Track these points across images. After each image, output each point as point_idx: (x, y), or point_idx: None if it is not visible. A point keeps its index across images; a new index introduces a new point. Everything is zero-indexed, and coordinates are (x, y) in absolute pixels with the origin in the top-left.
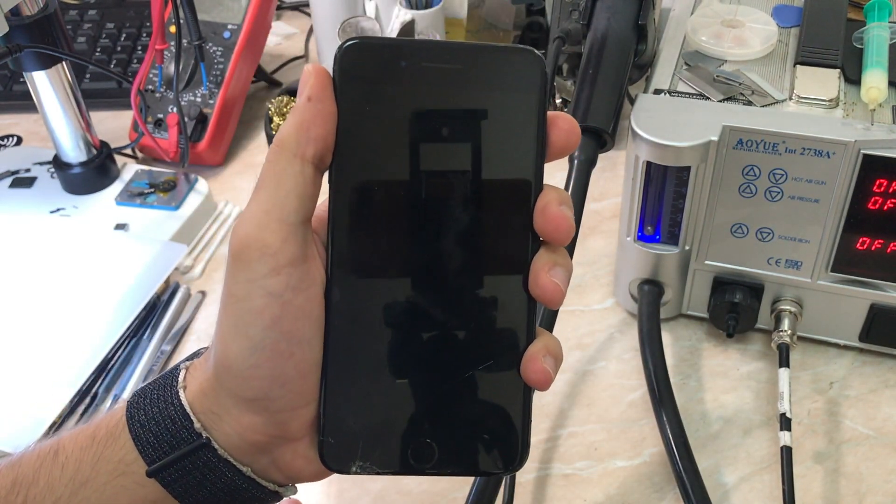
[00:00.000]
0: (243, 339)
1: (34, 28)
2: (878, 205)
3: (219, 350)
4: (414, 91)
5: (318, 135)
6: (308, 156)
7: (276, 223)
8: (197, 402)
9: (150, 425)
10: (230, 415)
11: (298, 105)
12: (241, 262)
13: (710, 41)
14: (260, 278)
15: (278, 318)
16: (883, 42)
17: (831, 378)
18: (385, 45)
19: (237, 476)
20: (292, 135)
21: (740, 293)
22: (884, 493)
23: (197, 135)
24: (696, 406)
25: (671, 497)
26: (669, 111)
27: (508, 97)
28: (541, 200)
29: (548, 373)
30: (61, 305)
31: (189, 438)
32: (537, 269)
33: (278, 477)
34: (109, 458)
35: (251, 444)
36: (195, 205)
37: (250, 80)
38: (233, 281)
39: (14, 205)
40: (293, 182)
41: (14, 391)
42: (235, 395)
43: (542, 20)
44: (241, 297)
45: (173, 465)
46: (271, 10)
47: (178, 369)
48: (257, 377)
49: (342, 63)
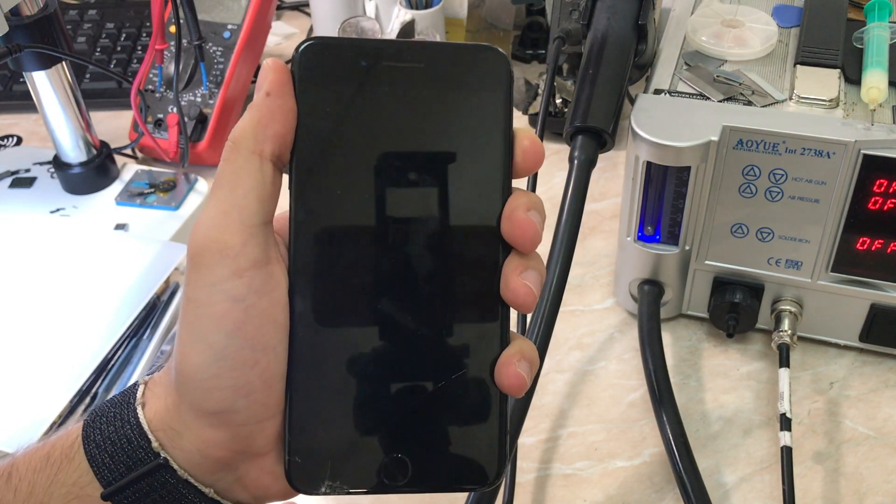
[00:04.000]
0: (204, 348)
1: (34, 28)
2: (879, 205)
3: (179, 360)
4: (374, 91)
5: (277, 132)
6: (266, 153)
7: (236, 224)
8: (157, 418)
9: (106, 445)
10: (191, 430)
11: (256, 101)
12: (201, 265)
13: (710, 41)
14: (221, 282)
15: (241, 323)
16: (883, 42)
17: (831, 378)
18: (344, 44)
19: (198, 497)
20: (249, 131)
21: (740, 293)
22: (884, 494)
23: (197, 135)
24: (697, 406)
25: (671, 497)
26: (669, 111)
27: (472, 97)
28: (508, 205)
29: (521, 377)
30: (61, 305)
31: (146, 459)
32: (507, 272)
33: (243, 496)
34: (64, 481)
35: (214, 461)
36: (195, 205)
37: (250, 80)
38: (192, 286)
39: (14, 205)
40: (252, 181)
41: (14, 391)
42: (197, 408)
43: (542, 20)
44: (201, 302)
45: (130, 487)
46: (271, 10)
47: (137, 385)
48: (220, 388)
49: (301, 62)
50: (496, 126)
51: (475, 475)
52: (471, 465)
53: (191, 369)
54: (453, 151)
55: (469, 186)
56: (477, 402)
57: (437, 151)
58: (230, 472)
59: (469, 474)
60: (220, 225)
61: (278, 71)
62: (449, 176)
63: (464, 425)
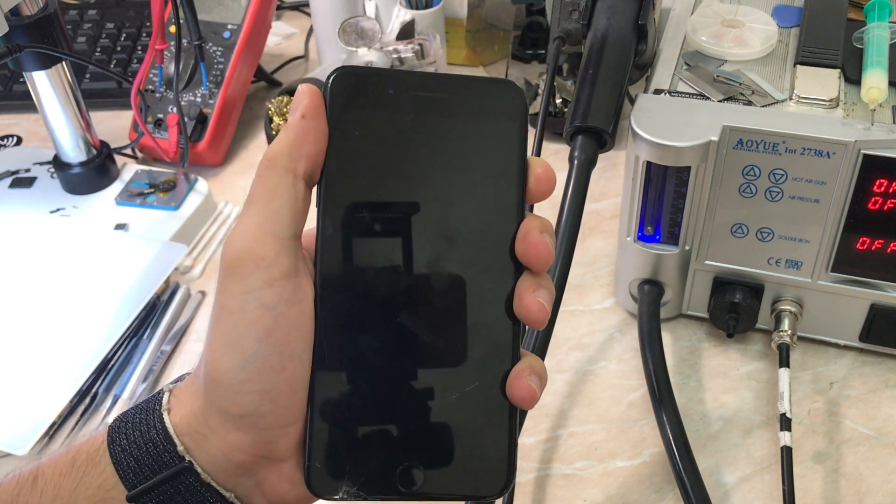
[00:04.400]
0: (235, 352)
1: (34, 28)
2: (879, 205)
3: (209, 365)
4: (400, 118)
5: (311, 151)
6: (300, 171)
7: (270, 236)
8: (183, 423)
9: (132, 449)
10: (216, 434)
11: (292, 122)
12: (235, 274)
13: (710, 41)
14: (254, 290)
15: (271, 330)
16: (883, 42)
17: (831, 378)
18: (373, 73)
19: (219, 501)
20: (285, 150)
21: (740, 293)
22: (884, 493)
23: (197, 135)
24: (697, 406)
25: (671, 497)
26: (669, 111)
27: (490, 127)
28: (522, 228)
29: (533, 390)
30: (61, 305)
31: (171, 462)
32: (521, 291)
33: (261, 502)
34: (89, 484)
35: (236, 464)
36: (195, 205)
37: (250, 80)
38: (226, 294)
39: (14, 205)
40: (286, 197)
41: (14, 391)
42: (224, 412)
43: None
44: (234, 309)
45: (154, 490)
46: (271, 10)
47: (162, 392)
48: (248, 391)
49: (333, 89)
50: (512, 155)
51: (487, 484)
52: (483, 474)
53: (221, 373)
54: (472, 177)
55: (486, 210)
56: (489, 415)
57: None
58: (251, 476)
59: (481, 483)
60: (254, 236)
61: (313, 95)
62: (467, 200)
63: (476, 436)
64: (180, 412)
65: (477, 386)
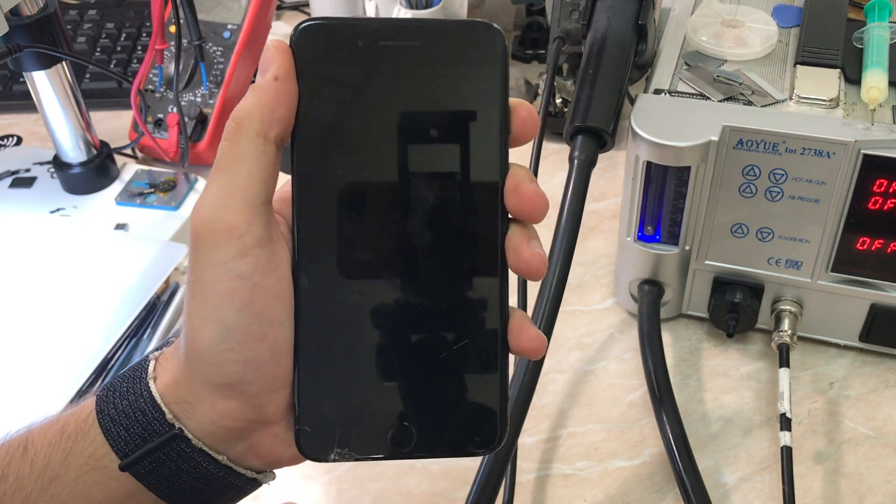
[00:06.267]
0: (214, 325)
1: (34, 28)
2: (879, 205)
3: (189, 337)
4: (372, 70)
5: (283, 115)
6: (272, 136)
7: (240, 204)
8: (169, 391)
9: (121, 418)
10: (204, 402)
11: (263, 83)
12: (207, 245)
13: (710, 41)
14: (227, 261)
15: (249, 300)
16: (883, 42)
17: (831, 378)
18: (342, 25)
19: (213, 465)
20: (255, 113)
21: (740, 293)
22: (884, 494)
23: (197, 135)
24: (697, 406)
25: (671, 497)
26: (669, 111)
27: (469, 73)
28: (511, 179)
29: (541, 338)
30: (61, 305)
31: (161, 430)
32: (516, 244)
33: (256, 463)
34: (80, 454)
35: (228, 430)
36: None
37: (250, 80)
38: (199, 266)
39: (14, 205)
40: (256, 162)
41: (14, 391)
42: (209, 382)
43: (542, 20)
44: (209, 281)
45: (147, 458)
46: (271, 10)
47: (148, 360)
48: (230, 361)
49: (300, 43)
50: (494, 101)
51: (481, 439)
52: (476, 429)
53: (202, 345)
54: (453, 126)
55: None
56: (480, 370)
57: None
58: (243, 440)
59: (475, 438)
60: (224, 206)
61: (285, 54)
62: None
63: (466, 394)
64: (165, 381)
65: (467, 343)
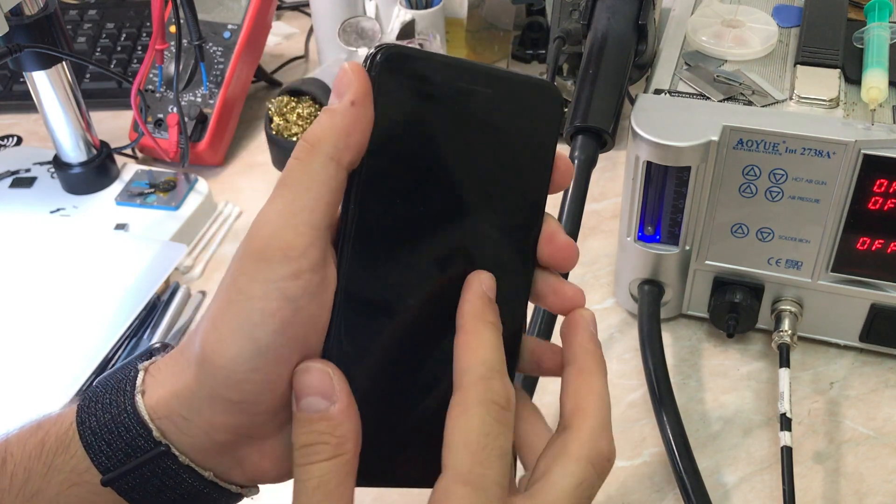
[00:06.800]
0: (246, 341)
1: (34, 28)
2: (879, 205)
3: (212, 349)
4: (444, 109)
5: (357, 142)
6: (344, 162)
7: (304, 226)
8: (162, 405)
9: (103, 433)
10: (201, 416)
11: (340, 108)
12: (262, 260)
13: (710, 41)
14: (279, 280)
15: (289, 323)
16: (883, 42)
17: (831, 378)
18: (422, 57)
19: (198, 481)
20: (330, 137)
21: (740, 293)
22: (884, 494)
23: (197, 135)
24: (697, 406)
25: (671, 497)
26: (670, 111)
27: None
28: (547, 227)
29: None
30: (61, 305)
31: (146, 447)
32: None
33: (239, 478)
34: (61, 468)
35: (219, 444)
36: (195, 205)
37: (250, 80)
38: (245, 279)
39: (14, 205)
40: (326, 186)
41: (14, 392)
42: (218, 396)
43: (542, 20)
44: (253, 296)
45: (130, 474)
46: (271, 10)
47: (135, 371)
48: (252, 381)
49: (381, 69)
50: (547, 152)
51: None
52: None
53: (225, 360)
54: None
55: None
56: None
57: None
58: (231, 454)
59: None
60: (288, 224)
61: (362, 79)
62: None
63: None
64: (158, 393)
65: None
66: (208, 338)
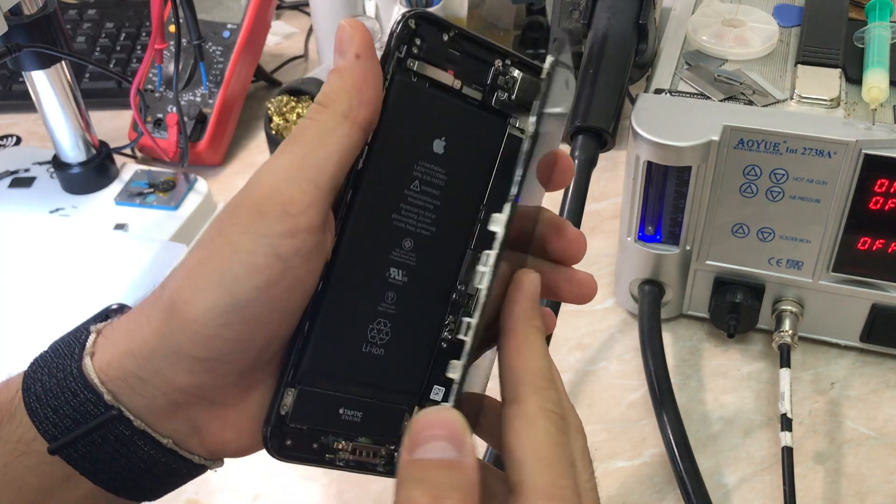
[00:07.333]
0: (224, 295)
1: (33, 27)
2: (880, 205)
3: (182, 300)
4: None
5: (371, 97)
6: (359, 119)
7: (308, 183)
8: (115, 366)
9: (48, 398)
10: (160, 376)
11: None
12: (257, 213)
13: (710, 41)
14: (272, 235)
15: (275, 282)
16: (884, 42)
17: (832, 378)
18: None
19: (155, 448)
20: (343, 95)
21: (741, 293)
22: (885, 494)
23: (196, 134)
24: (697, 406)
25: (672, 498)
26: (670, 111)
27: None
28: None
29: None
30: (60, 306)
31: (96, 412)
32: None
33: (200, 450)
34: (7, 438)
35: (176, 405)
36: (195, 205)
37: (250, 79)
38: (235, 229)
39: (13, 205)
40: (338, 145)
41: None
42: (182, 353)
43: (543, 20)
44: (241, 248)
45: (79, 441)
46: (271, 9)
47: (86, 333)
48: (222, 337)
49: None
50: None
51: None
52: None
53: (197, 312)
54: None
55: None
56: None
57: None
58: (189, 421)
59: None
60: (291, 179)
61: (363, 32)
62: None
63: None
64: (111, 354)
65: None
66: (181, 289)
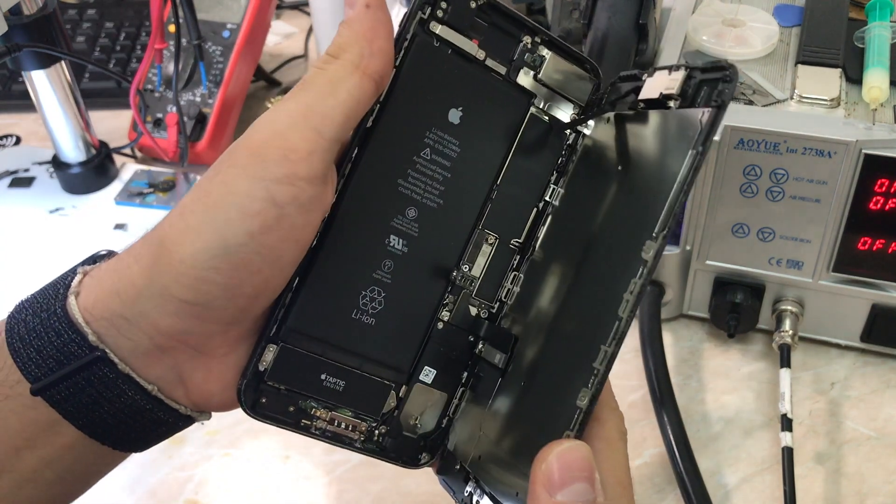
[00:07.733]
0: (214, 237)
1: (33, 27)
2: (880, 205)
3: (172, 241)
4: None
5: (382, 48)
6: (370, 70)
7: (312, 132)
8: (100, 306)
9: (31, 339)
10: (146, 318)
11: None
12: (256, 156)
13: (711, 40)
14: (269, 180)
15: (269, 229)
16: (884, 41)
17: (832, 378)
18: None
19: (140, 394)
20: (353, 45)
21: (741, 293)
22: (885, 494)
23: (196, 134)
24: (697, 407)
25: (672, 498)
26: None
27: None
28: None
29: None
30: None
31: (80, 353)
32: None
33: (184, 400)
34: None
35: (161, 349)
36: None
37: (250, 79)
38: (235, 172)
39: (13, 205)
40: (347, 94)
41: None
42: (169, 294)
43: (543, 19)
44: (237, 191)
45: (62, 383)
46: (271, 9)
47: (72, 274)
48: (209, 281)
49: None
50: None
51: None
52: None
53: (185, 254)
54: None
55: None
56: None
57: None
58: (173, 369)
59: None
60: (294, 125)
61: None
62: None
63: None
64: (96, 294)
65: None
66: (172, 229)
